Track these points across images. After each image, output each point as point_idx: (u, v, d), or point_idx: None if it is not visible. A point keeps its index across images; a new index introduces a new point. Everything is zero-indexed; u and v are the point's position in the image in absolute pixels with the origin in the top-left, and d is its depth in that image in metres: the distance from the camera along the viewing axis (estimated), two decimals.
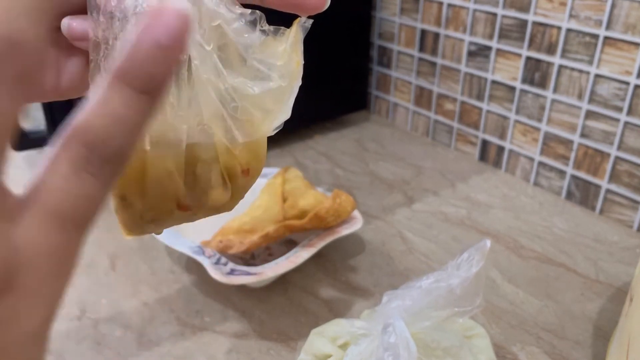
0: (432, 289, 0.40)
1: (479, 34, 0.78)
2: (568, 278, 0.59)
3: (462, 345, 0.43)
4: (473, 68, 0.81)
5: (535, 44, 0.72)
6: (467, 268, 0.40)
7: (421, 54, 0.88)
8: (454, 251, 0.63)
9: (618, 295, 0.57)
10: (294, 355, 0.49)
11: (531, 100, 0.75)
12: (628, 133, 0.65)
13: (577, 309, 0.55)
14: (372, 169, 0.82)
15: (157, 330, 0.52)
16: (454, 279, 0.40)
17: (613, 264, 0.62)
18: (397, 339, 0.38)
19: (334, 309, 0.55)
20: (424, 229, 0.68)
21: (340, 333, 0.45)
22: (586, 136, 0.70)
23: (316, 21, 0.28)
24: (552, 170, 0.75)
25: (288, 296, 0.56)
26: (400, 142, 0.91)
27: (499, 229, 0.68)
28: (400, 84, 0.94)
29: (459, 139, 0.87)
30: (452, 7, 0.81)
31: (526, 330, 0.52)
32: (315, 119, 0.92)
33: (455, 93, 0.85)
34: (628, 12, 0.62)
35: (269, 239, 0.55)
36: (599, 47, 0.65)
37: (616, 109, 0.66)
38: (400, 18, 0.89)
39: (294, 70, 0.27)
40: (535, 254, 0.63)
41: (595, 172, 0.70)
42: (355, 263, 0.61)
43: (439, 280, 0.40)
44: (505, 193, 0.76)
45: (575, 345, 0.51)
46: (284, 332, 0.52)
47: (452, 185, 0.78)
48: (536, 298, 0.56)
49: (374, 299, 0.56)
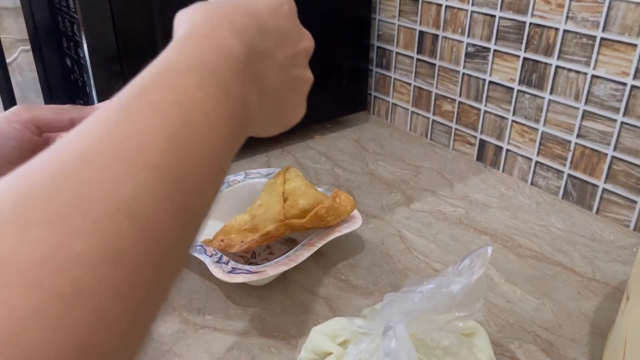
0: (433, 294, 0.40)
1: (477, 35, 0.79)
2: (565, 277, 0.60)
3: (461, 344, 0.43)
4: (471, 69, 0.82)
5: (532, 46, 0.73)
6: (468, 274, 0.40)
7: (420, 56, 0.89)
8: (452, 250, 0.64)
9: (614, 294, 0.57)
10: (294, 352, 0.50)
11: (529, 101, 0.75)
12: (624, 133, 0.66)
13: (574, 307, 0.56)
14: (371, 169, 0.82)
15: (159, 328, 0.53)
16: (455, 285, 0.40)
17: (610, 262, 0.62)
18: (398, 344, 0.38)
19: (334, 307, 0.55)
20: (422, 228, 0.68)
21: (340, 331, 0.46)
22: (583, 136, 0.71)
23: (317, 24, 0.29)
24: (549, 170, 0.76)
25: (288, 294, 0.57)
26: (399, 143, 0.91)
27: (496, 228, 0.68)
28: (399, 85, 0.95)
29: (457, 140, 0.87)
30: (450, 9, 0.81)
31: (524, 328, 0.53)
32: (316, 119, 0.93)
33: (454, 94, 0.85)
34: (625, 13, 0.63)
35: (269, 238, 0.56)
36: (595, 49, 0.66)
37: (613, 109, 0.66)
38: (399, 20, 0.90)
39: None
40: (532, 252, 0.64)
41: (592, 172, 0.71)
42: (354, 262, 0.62)
43: (440, 286, 0.40)
44: (503, 193, 0.77)
45: (572, 343, 0.51)
46: (284, 330, 0.52)
47: (450, 185, 0.79)
48: (533, 296, 0.57)
49: (374, 297, 0.57)
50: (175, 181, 0.21)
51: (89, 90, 0.66)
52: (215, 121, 0.24)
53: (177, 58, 0.25)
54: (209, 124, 0.23)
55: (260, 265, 0.53)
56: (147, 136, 0.21)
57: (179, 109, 0.22)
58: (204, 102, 0.24)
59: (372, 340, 0.42)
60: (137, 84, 0.23)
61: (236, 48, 0.27)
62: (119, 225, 0.18)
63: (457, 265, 0.42)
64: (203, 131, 0.23)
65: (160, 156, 0.21)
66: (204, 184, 0.23)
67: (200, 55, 0.26)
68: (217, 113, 0.24)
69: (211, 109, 0.24)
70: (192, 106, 0.23)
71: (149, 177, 0.20)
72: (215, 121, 0.24)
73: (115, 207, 0.19)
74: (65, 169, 0.19)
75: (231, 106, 0.25)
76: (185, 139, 0.22)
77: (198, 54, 0.26)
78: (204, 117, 0.23)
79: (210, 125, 0.23)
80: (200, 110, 0.23)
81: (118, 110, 0.22)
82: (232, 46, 0.27)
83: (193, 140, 0.22)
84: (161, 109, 0.22)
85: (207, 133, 0.23)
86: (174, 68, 0.24)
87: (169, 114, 0.22)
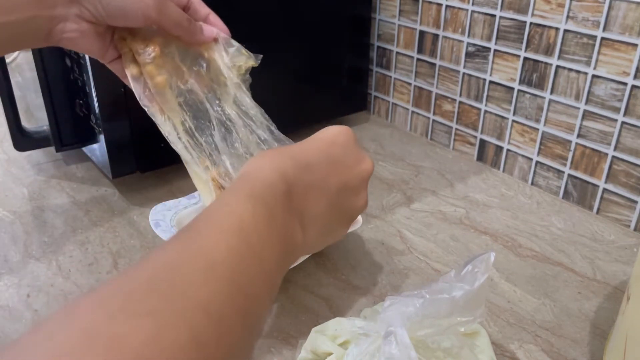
0: (435, 299, 0.40)
1: (478, 35, 0.79)
2: (565, 277, 0.60)
3: (462, 345, 0.43)
4: (471, 69, 0.81)
5: (533, 45, 0.73)
6: (471, 280, 0.40)
7: (420, 55, 0.89)
8: (452, 250, 0.64)
9: (615, 294, 0.57)
10: (294, 353, 0.50)
11: (529, 101, 0.75)
12: (625, 133, 0.66)
13: (575, 308, 0.56)
14: None
15: None
16: (457, 290, 0.40)
17: (610, 263, 0.62)
18: (399, 349, 0.38)
19: (334, 307, 0.55)
20: (422, 229, 0.68)
21: (340, 332, 0.46)
22: (583, 136, 0.70)
23: (317, 23, 0.30)
24: (549, 170, 0.76)
25: (289, 295, 0.57)
26: (399, 143, 0.91)
27: (497, 229, 0.68)
28: (399, 85, 0.95)
29: (458, 139, 0.87)
30: (450, 8, 0.81)
31: (524, 328, 0.53)
32: (316, 119, 0.93)
33: (454, 94, 0.85)
34: (625, 13, 0.63)
35: None
36: (596, 48, 0.66)
37: (613, 109, 0.66)
38: (399, 20, 0.90)
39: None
40: (532, 253, 0.64)
41: (592, 172, 0.71)
42: (355, 262, 0.62)
43: (442, 291, 0.40)
44: (503, 193, 0.77)
45: (572, 343, 0.51)
46: (284, 331, 0.52)
47: (450, 185, 0.78)
48: (534, 296, 0.57)
49: (374, 297, 0.57)
50: (239, 287, 0.27)
51: (88, 90, 0.66)
52: (267, 240, 0.31)
53: (235, 192, 0.33)
54: (262, 242, 0.30)
55: None
56: (217, 251, 0.27)
57: (239, 231, 0.29)
58: (256, 225, 0.30)
59: (372, 341, 0.42)
60: (204, 214, 0.31)
61: (279, 186, 0.34)
62: (199, 320, 0.24)
63: (460, 270, 0.42)
64: (257, 247, 0.29)
65: (228, 268, 0.27)
66: (262, 292, 0.29)
67: (252, 191, 0.33)
68: (267, 232, 0.31)
69: (262, 229, 0.30)
70: (248, 228, 0.30)
71: (219, 285, 0.26)
72: (266, 240, 0.31)
73: (195, 305, 0.24)
74: (158, 275, 0.25)
75: (277, 228, 0.32)
76: (245, 254, 0.28)
77: (250, 189, 0.33)
78: (257, 236, 0.30)
79: (263, 243, 0.30)
80: (255, 230, 0.30)
81: (194, 232, 0.29)
82: (276, 184, 0.34)
83: (250, 255, 0.29)
84: (224, 232, 0.29)
85: (261, 250, 0.30)
86: (231, 200, 0.31)
87: (230, 235, 0.29)
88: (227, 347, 0.25)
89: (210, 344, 0.24)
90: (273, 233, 0.31)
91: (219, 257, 0.27)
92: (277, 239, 0.32)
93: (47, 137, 0.72)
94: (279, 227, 0.32)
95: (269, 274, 0.30)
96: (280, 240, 0.32)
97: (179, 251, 0.27)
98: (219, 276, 0.26)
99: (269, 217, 0.32)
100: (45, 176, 0.78)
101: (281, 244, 0.32)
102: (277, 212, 0.33)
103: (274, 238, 0.31)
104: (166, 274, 0.25)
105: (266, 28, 0.77)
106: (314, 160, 0.39)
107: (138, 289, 0.24)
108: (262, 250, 0.30)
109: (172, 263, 0.26)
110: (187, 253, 0.27)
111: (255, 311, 0.28)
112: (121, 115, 0.67)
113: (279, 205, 0.33)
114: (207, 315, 0.24)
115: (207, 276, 0.26)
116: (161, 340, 0.22)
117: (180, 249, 0.27)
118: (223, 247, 0.28)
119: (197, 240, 0.28)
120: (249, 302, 0.27)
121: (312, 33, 0.33)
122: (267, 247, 0.30)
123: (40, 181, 0.77)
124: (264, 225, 0.31)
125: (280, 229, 0.33)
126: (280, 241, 0.32)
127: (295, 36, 0.72)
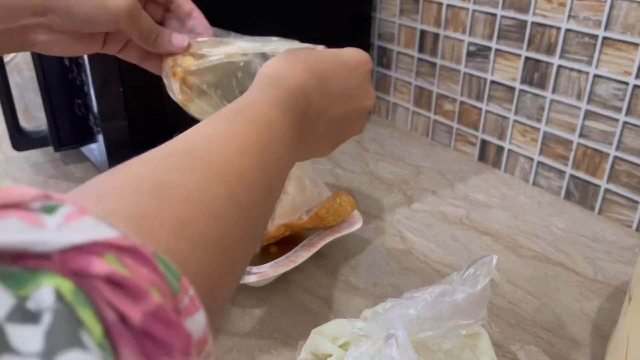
0: (436, 302, 0.40)
1: (479, 34, 0.78)
2: (567, 277, 0.60)
3: (463, 346, 0.43)
4: (472, 68, 0.81)
5: (534, 45, 0.72)
6: (472, 283, 0.40)
7: (421, 55, 0.89)
8: (453, 250, 0.64)
9: (616, 295, 0.57)
10: (294, 354, 0.50)
11: (530, 101, 0.75)
12: (627, 133, 0.66)
13: (576, 308, 0.55)
14: (372, 169, 0.82)
15: None
16: (459, 293, 0.40)
17: (612, 263, 0.62)
18: (399, 352, 0.38)
19: (334, 308, 0.55)
20: (423, 229, 0.68)
21: (341, 333, 0.45)
22: (585, 136, 0.70)
23: (317, 22, 0.30)
24: (551, 170, 0.76)
25: (288, 295, 0.57)
26: (399, 142, 0.91)
27: (497, 229, 0.68)
28: (400, 84, 0.94)
29: (459, 139, 0.87)
30: (451, 7, 0.81)
31: (525, 329, 0.53)
32: None
33: (455, 93, 0.85)
34: (627, 12, 0.62)
35: (269, 238, 0.56)
36: (597, 48, 0.66)
37: (615, 109, 0.66)
38: (400, 19, 0.90)
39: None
40: (534, 253, 0.63)
41: (594, 172, 0.71)
42: (355, 262, 0.62)
43: (444, 294, 0.40)
44: (504, 193, 0.76)
45: (574, 344, 0.51)
46: (284, 331, 0.52)
47: (451, 185, 0.78)
48: (535, 297, 0.57)
49: (374, 298, 0.56)
50: (264, 169, 0.30)
51: (87, 90, 0.66)
52: (288, 143, 0.34)
53: (262, 93, 0.35)
54: (284, 143, 0.33)
55: (260, 265, 0.53)
56: (248, 136, 0.30)
57: (267, 126, 0.32)
58: (282, 128, 0.33)
59: (373, 343, 0.41)
60: (235, 106, 0.33)
61: (301, 104, 0.36)
62: (236, 183, 0.27)
63: (462, 273, 0.41)
64: (280, 146, 0.33)
65: (258, 152, 0.30)
66: (279, 169, 0.32)
67: (277, 97, 0.35)
68: (289, 136, 0.34)
69: (286, 133, 0.34)
70: (275, 126, 0.33)
71: (251, 161, 0.29)
72: (287, 144, 0.34)
73: (231, 171, 0.27)
74: (196, 144, 0.28)
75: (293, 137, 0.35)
76: (271, 146, 0.32)
77: (276, 96, 0.35)
78: (281, 135, 0.33)
79: (285, 144, 0.33)
80: (281, 130, 0.33)
81: (227, 119, 0.31)
82: (298, 100, 0.36)
83: (274, 149, 0.32)
84: (255, 124, 0.32)
85: (282, 149, 0.33)
86: (261, 99, 0.34)
87: (260, 127, 0.31)
88: (257, 211, 0.28)
89: (244, 205, 0.27)
90: (292, 140, 0.35)
91: (250, 141, 0.30)
92: (290, 147, 0.34)
93: (46, 137, 0.71)
94: (294, 137, 0.35)
95: (283, 172, 0.33)
96: (289, 151, 0.34)
97: (214, 132, 0.30)
98: (252, 154, 0.29)
99: (290, 127, 0.34)
100: (44, 176, 0.78)
101: (290, 154, 0.34)
102: (295, 125, 0.35)
103: (289, 145, 0.34)
104: (204, 145, 0.28)
105: (266, 27, 0.77)
106: (332, 88, 0.40)
107: (178, 151, 0.27)
108: (283, 149, 0.33)
109: (209, 137, 0.29)
110: (222, 134, 0.30)
111: (275, 186, 0.32)
112: (120, 115, 0.67)
113: (297, 120, 0.36)
114: (242, 180, 0.27)
115: (241, 152, 0.29)
116: (203, 192, 0.25)
117: (214, 131, 0.30)
118: (254, 135, 0.30)
119: (230, 126, 0.30)
120: (271, 178, 0.31)
121: (312, 32, 0.33)
122: (287, 149, 0.33)
123: (38, 181, 0.76)
124: (290, 130, 0.34)
125: (294, 138, 0.35)
126: (289, 152, 0.34)
127: (295, 35, 0.72)
